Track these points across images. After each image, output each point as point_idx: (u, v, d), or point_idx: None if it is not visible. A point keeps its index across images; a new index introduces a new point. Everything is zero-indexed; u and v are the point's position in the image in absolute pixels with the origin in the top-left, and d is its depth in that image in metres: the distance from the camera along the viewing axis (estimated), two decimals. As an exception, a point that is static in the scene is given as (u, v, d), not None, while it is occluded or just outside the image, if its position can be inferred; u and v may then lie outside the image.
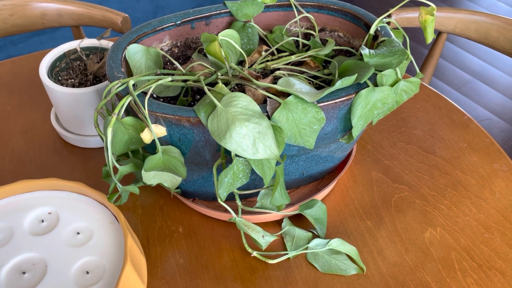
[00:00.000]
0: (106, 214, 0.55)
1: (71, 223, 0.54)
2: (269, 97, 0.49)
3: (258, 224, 0.63)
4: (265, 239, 0.56)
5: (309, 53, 0.59)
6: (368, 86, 0.51)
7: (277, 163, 0.54)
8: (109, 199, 0.52)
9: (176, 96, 0.57)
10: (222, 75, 0.55)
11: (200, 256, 0.59)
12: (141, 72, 0.56)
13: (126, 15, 1.01)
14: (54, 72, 0.70)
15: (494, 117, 1.86)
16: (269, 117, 0.49)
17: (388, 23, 0.62)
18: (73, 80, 0.70)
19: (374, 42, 0.59)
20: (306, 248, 0.59)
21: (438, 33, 1.03)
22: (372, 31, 0.58)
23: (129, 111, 0.52)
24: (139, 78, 0.52)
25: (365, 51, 0.53)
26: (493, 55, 2.14)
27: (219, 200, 0.52)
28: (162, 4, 1.89)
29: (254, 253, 0.59)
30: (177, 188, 0.61)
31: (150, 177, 0.52)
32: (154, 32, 0.61)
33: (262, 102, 0.53)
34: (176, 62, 0.56)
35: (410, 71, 2.00)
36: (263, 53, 0.62)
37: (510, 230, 0.62)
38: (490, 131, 1.80)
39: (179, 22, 0.62)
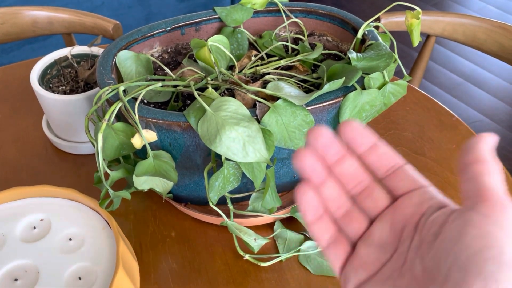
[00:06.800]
0: (98, 220, 0.55)
1: (63, 229, 0.54)
2: (258, 101, 0.50)
3: (250, 227, 0.63)
4: (257, 242, 0.57)
5: (298, 57, 0.60)
6: (356, 89, 0.52)
7: (268, 166, 0.54)
8: (100, 205, 0.52)
9: (166, 102, 0.58)
10: (212, 80, 0.56)
11: (192, 260, 0.60)
12: (131, 78, 0.57)
13: (118, 22, 1.01)
14: (45, 80, 0.71)
15: (485, 118, 1.88)
16: (258, 121, 0.49)
17: (377, 27, 0.63)
18: (64, 87, 0.70)
19: (362, 46, 0.60)
20: (298, 251, 0.60)
21: (427, 36, 1.04)
22: (359, 35, 0.59)
23: (120, 117, 0.53)
24: (130, 84, 0.52)
25: (352, 54, 0.54)
26: (483, 57, 2.16)
27: (210, 204, 0.52)
28: (154, 11, 1.90)
29: (247, 256, 0.59)
30: (169, 193, 0.62)
31: (142, 182, 0.52)
32: (144, 39, 0.62)
33: (252, 106, 0.53)
34: (166, 68, 0.57)
35: (400, 75, 2.01)
36: (253, 58, 0.62)
37: (499, 229, 0.62)
38: (481, 133, 1.81)
39: (169, 28, 0.63)
